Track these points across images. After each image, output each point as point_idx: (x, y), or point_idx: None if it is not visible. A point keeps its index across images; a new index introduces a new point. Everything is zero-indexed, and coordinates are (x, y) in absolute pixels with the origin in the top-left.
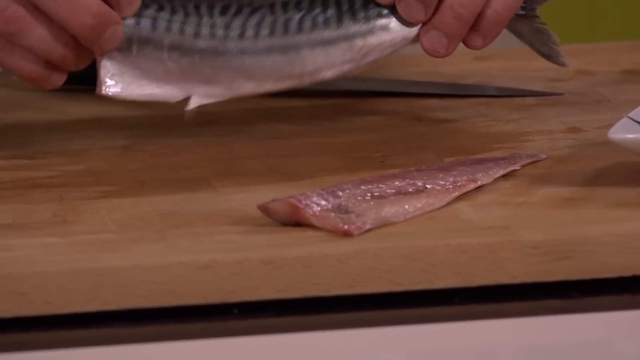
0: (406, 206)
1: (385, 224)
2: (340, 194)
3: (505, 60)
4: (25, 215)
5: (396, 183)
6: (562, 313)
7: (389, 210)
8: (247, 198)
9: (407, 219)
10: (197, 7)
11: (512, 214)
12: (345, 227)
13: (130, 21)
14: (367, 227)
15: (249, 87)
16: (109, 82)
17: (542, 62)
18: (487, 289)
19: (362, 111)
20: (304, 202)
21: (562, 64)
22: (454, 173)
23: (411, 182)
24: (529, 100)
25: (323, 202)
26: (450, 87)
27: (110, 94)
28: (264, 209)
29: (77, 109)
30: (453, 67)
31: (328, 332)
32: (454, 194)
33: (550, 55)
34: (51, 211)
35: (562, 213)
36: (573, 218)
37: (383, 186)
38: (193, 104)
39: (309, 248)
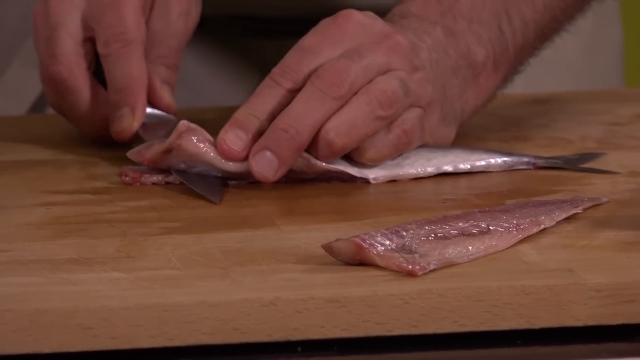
0: (470, 247)
1: (449, 264)
2: (404, 234)
3: (565, 104)
4: (89, 250)
5: (460, 224)
6: (626, 356)
7: (453, 250)
8: (311, 237)
9: (470, 260)
10: None
11: (575, 257)
12: (410, 267)
13: None
14: (431, 267)
15: None
16: None
17: (602, 106)
18: (550, 331)
19: None
20: (368, 241)
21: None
22: (517, 215)
23: (475, 223)
24: (590, 143)
25: (387, 242)
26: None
27: None
28: (328, 248)
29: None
30: (513, 109)
31: None
32: (517, 237)
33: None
34: (115, 246)
35: (625, 256)
36: (636, 261)
37: (447, 227)
38: None
39: (373, 287)
